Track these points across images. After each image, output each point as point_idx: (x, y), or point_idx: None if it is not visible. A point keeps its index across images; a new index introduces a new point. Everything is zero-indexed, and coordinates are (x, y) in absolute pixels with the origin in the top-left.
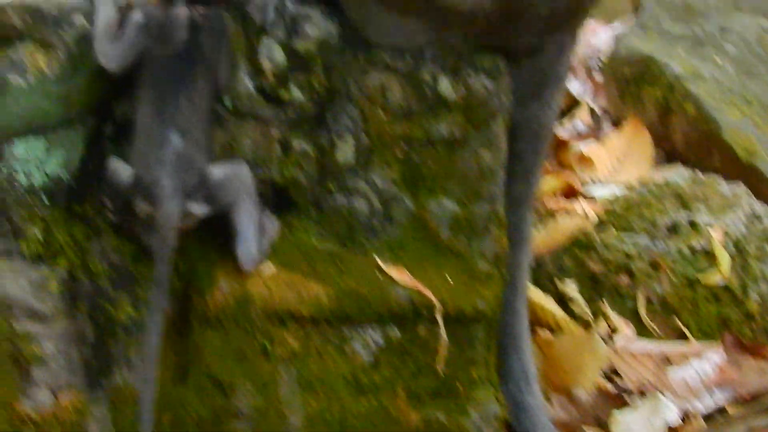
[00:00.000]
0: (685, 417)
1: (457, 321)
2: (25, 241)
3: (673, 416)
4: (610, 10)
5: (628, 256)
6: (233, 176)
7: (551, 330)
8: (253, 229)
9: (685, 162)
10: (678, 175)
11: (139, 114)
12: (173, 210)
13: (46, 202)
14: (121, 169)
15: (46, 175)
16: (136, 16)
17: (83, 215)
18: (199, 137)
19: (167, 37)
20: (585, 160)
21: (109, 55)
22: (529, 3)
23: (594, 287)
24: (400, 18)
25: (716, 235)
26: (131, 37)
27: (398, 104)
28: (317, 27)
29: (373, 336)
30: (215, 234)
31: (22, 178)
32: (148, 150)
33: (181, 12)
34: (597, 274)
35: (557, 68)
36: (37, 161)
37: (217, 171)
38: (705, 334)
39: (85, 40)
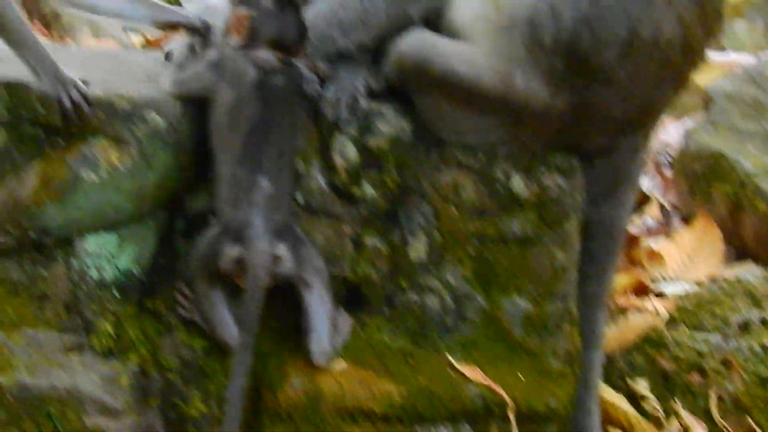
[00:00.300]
0: None
1: (529, 419)
2: (96, 336)
3: None
4: (681, 106)
5: (699, 354)
6: (311, 250)
7: (623, 429)
8: (326, 323)
9: (756, 259)
10: (749, 272)
11: (222, 162)
12: (265, 247)
13: (118, 296)
14: (204, 233)
15: (118, 269)
16: (212, 53)
17: (155, 310)
18: (285, 180)
19: (239, 78)
20: (655, 257)
21: (170, 79)
22: (603, 104)
23: (665, 385)
24: (473, 116)
25: None
26: (199, 69)
27: (471, 202)
28: (390, 124)
29: None
30: (286, 330)
31: (93, 273)
32: (236, 194)
33: (259, 56)
34: (668, 372)
35: (630, 168)
36: (108, 256)
37: (299, 231)
38: None
39: (157, 136)
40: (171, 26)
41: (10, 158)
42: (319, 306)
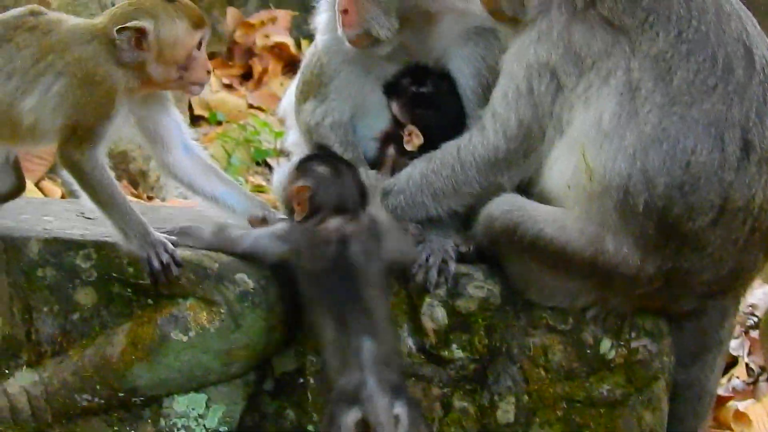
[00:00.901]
0: None
1: None
2: None
3: None
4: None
5: None
6: (419, 412)
7: None
8: None
9: None
10: None
11: (321, 330)
12: (386, 405)
13: None
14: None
15: (206, 429)
16: (279, 227)
17: None
18: (387, 338)
19: (316, 251)
20: (743, 418)
21: (227, 235)
22: (694, 269)
23: None
24: (562, 279)
25: None
26: (258, 235)
27: (560, 365)
28: (479, 287)
29: None
30: None
31: None
32: (343, 359)
33: (329, 227)
34: None
35: (719, 332)
36: (197, 416)
37: (409, 391)
38: None
39: (246, 297)
40: (260, 221)
41: (99, 318)
42: None
